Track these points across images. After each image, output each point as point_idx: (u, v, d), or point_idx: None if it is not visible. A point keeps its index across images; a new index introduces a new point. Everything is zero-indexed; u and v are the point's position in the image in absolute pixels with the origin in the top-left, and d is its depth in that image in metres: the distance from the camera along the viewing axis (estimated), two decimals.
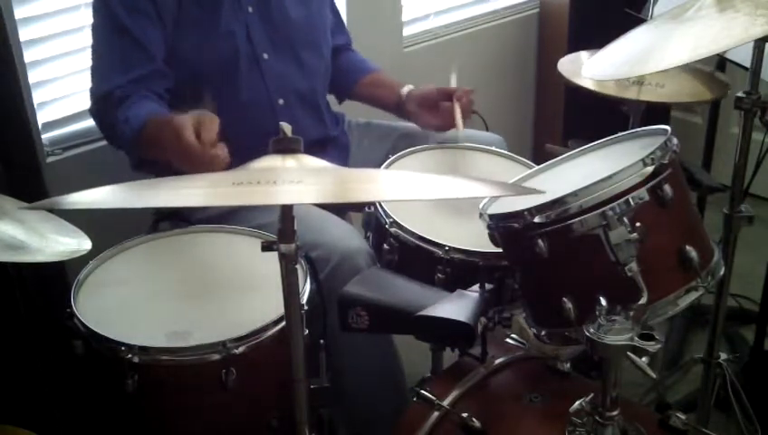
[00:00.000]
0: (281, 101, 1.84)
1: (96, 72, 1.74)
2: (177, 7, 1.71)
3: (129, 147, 1.69)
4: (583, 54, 1.98)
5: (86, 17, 1.97)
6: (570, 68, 1.93)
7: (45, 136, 1.99)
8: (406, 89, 1.99)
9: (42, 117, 1.98)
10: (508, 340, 1.51)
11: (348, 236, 1.64)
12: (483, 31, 2.89)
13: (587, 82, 1.86)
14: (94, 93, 1.74)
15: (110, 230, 1.54)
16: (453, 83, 1.96)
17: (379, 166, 1.78)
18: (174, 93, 1.74)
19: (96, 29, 1.75)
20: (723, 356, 1.84)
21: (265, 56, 1.81)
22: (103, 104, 1.70)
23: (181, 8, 1.71)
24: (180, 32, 1.72)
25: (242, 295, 1.45)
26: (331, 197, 1.11)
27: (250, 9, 1.79)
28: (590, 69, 1.52)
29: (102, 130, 1.77)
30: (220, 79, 1.77)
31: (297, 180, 1.00)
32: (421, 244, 1.54)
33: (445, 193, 1.20)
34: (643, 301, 1.18)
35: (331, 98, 2.05)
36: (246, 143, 1.25)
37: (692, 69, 1.92)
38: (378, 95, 2.06)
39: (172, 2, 1.70)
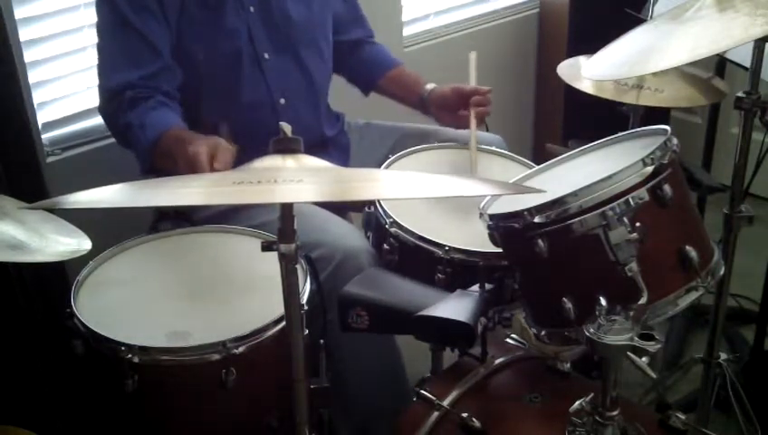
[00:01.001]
0: (282, 101, 1.85)
1: (104, 68, 1.74)
2: (180, 6, 1.71)
3: (141, 153, 1.68)
4: (582, 59, 1.98)
5: (86, 17, 1.98)
6: (569, 72, 1.94)
7: (45, 136, 1.99)
8: (428, 88, 2.01)
9: (42, 117, 1.98)
10: (508, 340, 1.51)
11: (350, 236, 1.65)
12: (483, 31, 2.89)
13: (586, 87, 1.86)
14: (104, 89, 1.73)
15: (110, 230, 1.54)
16: (471, 73, 1.98)
17: (379, 166, 1.78)
18: (181, 93, 1.74)
19: (101, 27, 1.74)
20: (723, 356, 1.84)
21: (266, 56, 1.81)
22: (113, 102, 1.69)
23: (184, 7, 1.71)
24: (184, 31, 1.72)
25: (242, 295, 1.45)
26: (332, 195, 1.11)
27: (252, 9, 1.79)
28: (590, 69, 1.52)
29: (112, 129, 1.77)
30: (222, 78, 1.77)
31: (297, 179, 1.00)
32: (421, 244, 1.55)
33: (444, 191, 1.20)
34: (643, 301, 1.18)
35: (332, 97, 2.05)
36: (248, 143, 1.26)
37: (690, 75, 1.93)
38: (401, 93, 2.08)
39: (176, 1, 1.70)
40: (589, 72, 1.53)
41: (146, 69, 1.68)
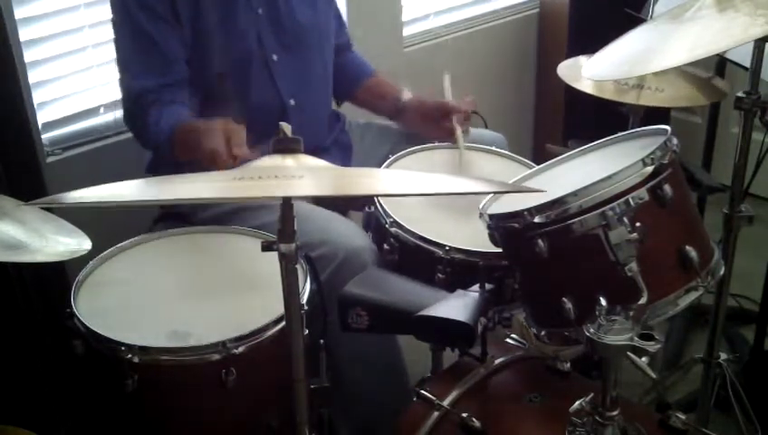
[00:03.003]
0: (292, 102, 1.85)
1: (124, 68, 1.75)
2: (193, 9, 1.71)
3: (160, 149, 1.72)
4: (582, 59, 1.98)
5: (86, 17, 1.98)
6: (569, 72, 1.93)
7: (45, 136, 1.99)
8: (404, 96, 2.00)
9: (42, 117, 1.98)
10: (508, 340, 1.51)
11: (353, 234, 1.65)
12: (483, 31, 2.89)
13: (586, 87, 1.86)
14: (126, 89, 1.75)
15: (110, 230, 1.54)
16: (447, 91, 1.96)
17: (379, 166, 1.78)
18: (194, 94, 1.75)
19: (116, 24, 1.75)
20: (723, 356, 1.83)
21: (275, 57, 1.82)
22: (135, 106, 1.72)
23: (198, 10, 1.71)
24: (198, 34, 1.72)
25: (242, 295, 1.46)
26: (332, 189, 1.11)
27: (260, 11, 1.79)
28: (590, 69, 1.52)
29: (134, 129, 1.79)
30: (232, 80, 1.77)
31: (299, 176, 1.00)
32: (421, 244, 1.54)
33: (444, 189, 1.20)
34: (643, 301, 1.18)
35: None
36: (260, 144, 1.26)
37: (690, 75, 1.93)
38: (376, 103, 2.08)
39: (189, 4, 1.70)
40: (589, 72, 1.52)
41: (163, 79, 1.70)
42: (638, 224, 1.19)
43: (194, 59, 1.74)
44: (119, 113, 1.93)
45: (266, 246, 1.04)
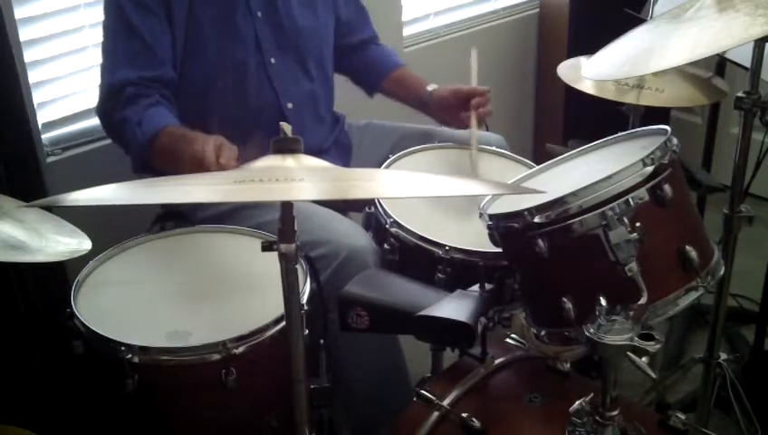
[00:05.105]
0: (290, 105, 1.85)
1: (106, 68, 1.73)
2: (188, 10, 1.71)
3: (136, 150, 1.67)
4: (582, 59, 1.98)
5: (86, 17, 1.98)
6: (569, 73, 1.94)
7: (45, 136, 1.99)
8: (429, 89, 2.01)
9: (42, 117, 1.98)
10: (508, 340, 1.51)
11: (354, 234, 1.65)
12: (483, 31, 2.89)
13: (587, 87, 1.86)
14: (104, 87, 1.72)
15: (110, 230, 1.54)
16: (473, 70, 1.97)
17: (379, 166, 1.78)
18: (185, 98, 1.74)
19: (107, 27, 1.74)
20: (723, 356, 1.84)
21: (273, 61, 1.82)
22: (112, 99, 1.69)
23: (192, 11, 1.71)
24: (192, 35, 1.72)
25: (242, 295, 1.46)
26: (333, 193, 1.11)
27: (259, 14, 1.79)
28: (590, 69, 1.52)
29: (109, 127, 1.75)
30: (230, 83, 1.77)
31: (299, 178, 1.00)
32: (421, 244, 1.55)
33: (444, 191, 1.20)
34: (643, 301, 1.18)
35: (338, 96, 2.05)
36: (257, 148, 1.26)
37: (690, 75, 1.93)
38: (403, 95, 2.08)
39: (184, 5, 1.70)
40: (589, 73, 1.52)
41: (147, 72, 1.68)
42: (638, 224, 1.19)
43: (187, 62, 1.73)
44: None
45: (266, 246, 1.04)
